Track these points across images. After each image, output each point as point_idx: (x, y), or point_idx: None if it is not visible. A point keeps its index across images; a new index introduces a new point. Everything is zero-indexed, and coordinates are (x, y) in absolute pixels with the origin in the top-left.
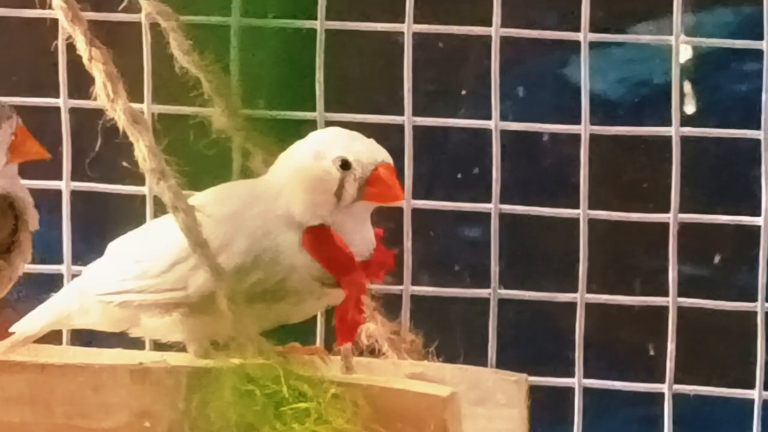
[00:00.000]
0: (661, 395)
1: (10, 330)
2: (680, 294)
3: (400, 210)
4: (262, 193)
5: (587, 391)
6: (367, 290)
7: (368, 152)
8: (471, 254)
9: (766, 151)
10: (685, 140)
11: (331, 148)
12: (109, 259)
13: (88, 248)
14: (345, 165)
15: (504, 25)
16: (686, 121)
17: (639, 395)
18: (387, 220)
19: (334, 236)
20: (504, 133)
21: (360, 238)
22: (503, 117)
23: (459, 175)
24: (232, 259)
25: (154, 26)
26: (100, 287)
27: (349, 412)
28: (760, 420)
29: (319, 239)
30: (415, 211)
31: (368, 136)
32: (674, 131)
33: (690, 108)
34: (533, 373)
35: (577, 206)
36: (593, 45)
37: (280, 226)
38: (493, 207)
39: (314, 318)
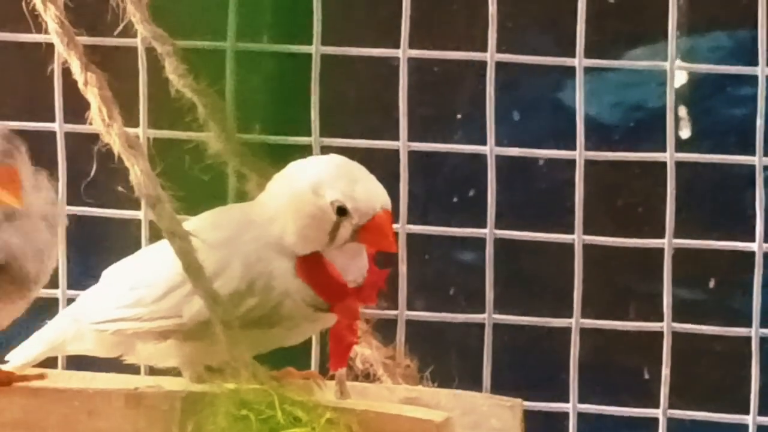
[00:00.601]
0: (656, 420)
1: (6, 358)
2: (675, 319)
3: (395, 234)
4: (257, 217)
5: (582, 416)
6: (360, 315)
7: (367, 199)
8: (466, 279)
9: (760, 176)
10: (679, 165)
11: (331, 188)
12: (104, 287)
13: (84, 273)
14: (342, 211)
15: (499, 50)
16: (681, 145)
17: (634, 420)
18: None
19: (327, 264)
20: (499, 158)
21: (353, 266)
22: (498, 141)
23: (454, 200)
24: (228, 284)
25: (150, 51)
26: (94, 315)
27: None
28: None
29: (313, 267)
30: (410, 236)
31: (363, 161)
32: (669, 156)
33: (685, 132)
34: (528, 398)
35: (572, 231)
36: (588, 69)
37: (274, 252)
38: (488, 232)
39: (309, 342)
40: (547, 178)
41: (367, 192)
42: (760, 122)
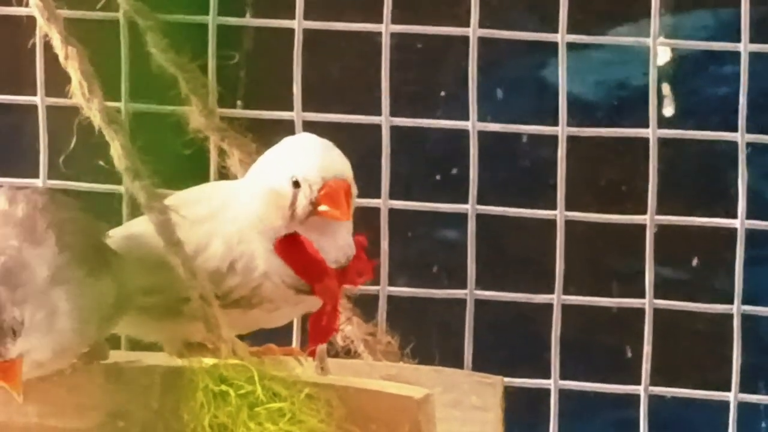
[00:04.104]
0: (638, 397)
1: None
2: (658, 296)
3: (378, 211)
4: (237, 197)
5: (564, 393)
6: (341, 298)
7: (317, 170)
8: (448, 255)
9: (743, 154)
10: (662, 142)
11: (288, 163)
12: None
13: None
14: (296, 183)
15: (482, 26)
16: (664, 123)
17: (616, 397)
18: (365, 221)
19: (306, 243)
20: (482, 135)
21: (332, 245)
22: (481, 118)
23: (437, 176)
24: (209, 262)
25: (132, 25)
26: None
27: (323, 413)
28: (735, 422)
29: (291, 246)
30: (393, 212)
31: (346, 137)
32: (652, 133)
33: (668, 110)
34: (509, 375)
35: (554, 208)
36: (571, 47)
37: (253, 232)
38: (470, 208)
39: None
40: (530, 155)
41: (320, 161)
42: (743, 100)
